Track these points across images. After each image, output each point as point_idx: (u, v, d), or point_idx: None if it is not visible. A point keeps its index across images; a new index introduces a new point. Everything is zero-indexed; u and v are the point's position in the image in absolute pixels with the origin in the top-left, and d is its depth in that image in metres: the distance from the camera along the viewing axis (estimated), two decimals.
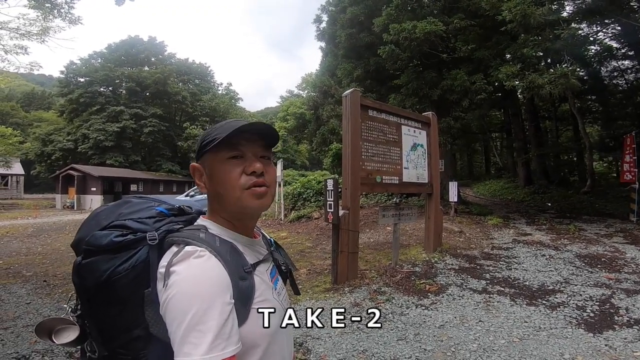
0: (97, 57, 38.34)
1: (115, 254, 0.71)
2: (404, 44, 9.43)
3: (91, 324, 0.76)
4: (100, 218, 0.81)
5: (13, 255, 7.58)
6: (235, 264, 0.72)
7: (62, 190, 25.59)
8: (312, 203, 12.59)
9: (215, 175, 0.78)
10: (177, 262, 0.67)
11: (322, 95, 14.18)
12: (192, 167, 0.83)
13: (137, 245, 0.73)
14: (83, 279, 0.73)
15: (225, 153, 0.77)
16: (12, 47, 9.86)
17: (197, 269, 0.66)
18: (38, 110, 47.52)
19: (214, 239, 0.74)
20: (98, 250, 0.72)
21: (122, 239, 0.72)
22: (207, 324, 0.61)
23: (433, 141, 6.48)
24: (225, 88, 46.58)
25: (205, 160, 0.80)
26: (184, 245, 0.70)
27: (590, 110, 17.77)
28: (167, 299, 0.64)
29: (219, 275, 0.67)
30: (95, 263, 0.71)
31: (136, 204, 0.86)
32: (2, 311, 4.13)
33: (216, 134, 0.76)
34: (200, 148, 0.80)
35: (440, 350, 3.00)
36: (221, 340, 0.61)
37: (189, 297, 0.63)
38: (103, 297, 0.71)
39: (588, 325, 3.42)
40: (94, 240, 0.73)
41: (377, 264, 5.68)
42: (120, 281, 0.70)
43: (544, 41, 8.34)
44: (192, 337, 0.60)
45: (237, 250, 0.76)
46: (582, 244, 7.03)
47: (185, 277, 0.65)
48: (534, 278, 4.95)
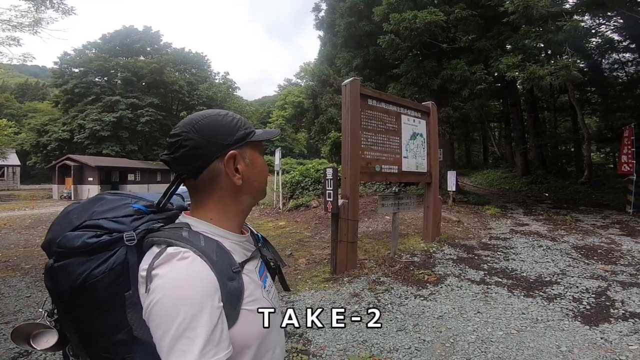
0: (92, 48, 37.82)
1: (90, 256, 0.67)
2: (404, 34, 9.32)
3: (70, 328, 0.72)
4: (72, 217, 0.75)
5: (11, 247, 7.55)
6: (222, 264, 0.68)
7: (58, 181, 25.42)
8: (310, 191, 12.59)
9: (259, 165, 0.81)
10: (159, 264, 0.63)
11: (321, 84, 14.09)
12: (232, 155, 0.74)
13: (113, 246, 0.68)
14: (57, 283, 0.68)
15: (262, 147, 0.84)
16: (4, 39, 9.66)
17: (181, 272, 0.62)
18: (32, 101, 47.07)
19: (198, 237, 0.69)
20: (71, 252, 0.68)
21: (96, 240, 0.68)
22: (195, 330, 0.58)
23: (432, 131, 6.45)
24: (222, 77, 46.25)
25: (245, 150, 0.78)
26: (166, 245, 0.66)
27: (589, 101, 17.79)
28: (150, 304, 0.61)
29: (206, 277, 0.63)
30: (68, 266, 0.67)
31: (111, 201, 0.79)
32: (3, 305, 4.11)
33: (248, 126, 0.80)
34: (245, 135, 0.78)
35: (439, 341, 3.02)
36: (211, 346, 0.58)
37: (174, 302, 0.59)
38: (80, 302, 0.67)
39: (584, 318, 3.45)
40: (65, 241, 0.68)
41: (376, 254, 5.69)
42: (97, 285, 0.66)
43: (546, 33, 8.27)
44: (180, 345, 0.57)
45: (223, 249, 0.71)
46: (579, 235, 7.08)
47: (169, 281, 0.61)
48: (531, 269, 4.98)
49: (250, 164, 0.79)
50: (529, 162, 18.75)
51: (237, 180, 0.75)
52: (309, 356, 2.83)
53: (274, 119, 38.12)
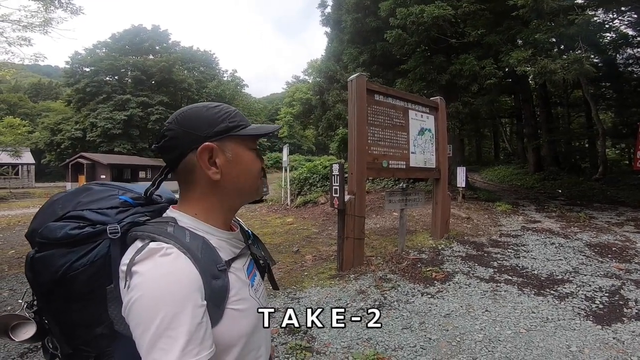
0: (102, 47, 38.42)
1: (72, 247, 0.66)
2: (411, 29, 9.19)
3: (50, 320, 0.71)
4: (56, 207, 0.74)
5: (25, 244, 7.60)
6: (207, 261, 0.65)
7: (72, 179, 25.92)
8: (318, 188, 12.57)
9: (244, 162, 0.76)
10: (140, 260, 0.61)
11: (328, 81, 14.02)
12: (205, 147, 0.71)
13: (96, 238, 0.67)
14: (37, 274, 0.67)
15: (251, 143, 0.78)
16: (15, 39, 9.78)
17: (163, 268, 0.60)
18: (46, 101, 48.00)
19: (183, 233, 0.67)
20: (52, 243, 0.67)
21: (78, 232, 0.67)
22: (177, 329, 0.56)
23: (441, 126, 6.35)
24: (230, 75, 46.57)
25: (227, 143, 0.73)
26: (149, 240, 0.64)
27: (604, 96, 17.36)
28: (130, 301, 0.59)
29: (189, 275, 0.61)
30: (49, 257, 0.66)
31: (97, 192, 0.78)
32: (15, 301, 4.18)
33: (239, 120, 0.75)
34: (226, 129, 0.73)
35: (445, 340, 2.97)
36: (194, 345, 0.56)
37: (155, 300, 0.57)
38: (60, 294, 0.66)
39: (596, 317, 3.36)
40: (47, 232, 0.68)
41: (383, 250, 5.64)
42: (78, 277, 0.65)
43: (558, 27, 8.06)
44: (161, 343, 0.55)
45: (209, 246, 0.69)
46: (593, 232, 6.91)
47: (150, 278, 0.58)
48: (542, 267, 4.87)
49: (233, 159, 0.74)
50: (542, 158, 18.39)
51: (213, 175, 0.72)
52: (312, 353, 2.80)
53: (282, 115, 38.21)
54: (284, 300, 3.89)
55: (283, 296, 3.99)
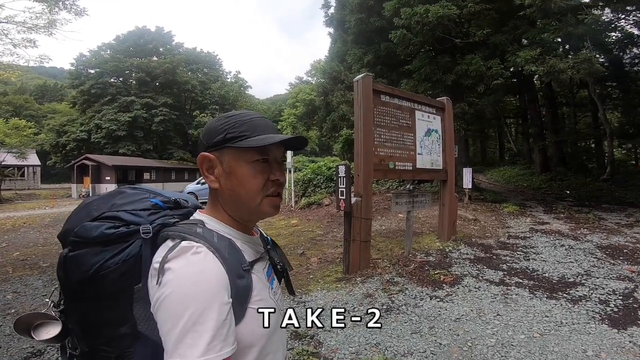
0: (106, 49, 38.50)
1: (106, 246, 0.69)
2: (416, 29, 9.13)
3: (74, 319, 0.73)
4: (91, 208, 0.77)
5: (30, 245, 7.69)
6: (233, 261, 0.68)
7: (77, 180, 26.01)
8: (322, 189, 12.50)
9: (239, 175, 0.73)
10: (173, 258, 0.63)
11: (332, 82, 13.97)
12: (203, 157, 0.75)
13: (129, 238, 0.70)
14: (69, 272, 0.69)
15: (254, 155, 0.73)
16: (20, 41, 9.84)
17: (194, 266, 0.62)
18: (51, 102, 48.24)
19: (211, 234, 0.70)
20: (87, 242, 0.69)
21: (114, 231, 0.69)
22: (204, 324, 0.58)
23: (448, 127, 6.27)
24: (234, 76, 46.46)
25: (225, 154, 0.74)
26: (180, 240, 0.66)
27: (610, 96, 17.17)
28: (160, 297, 0.60)
29: (217, 273, 0.63)
30: (83, 256, 0.68)
31: (130, 195, 0.82)
32: (19, 304, 4.14)
33: (243, 130, 0.73)
34: (223, 140, 0.73)
35: (456, 345, 2.89)
36: (218, 341, 0.58)
37: (185, 296, 0.59)
38: (90, 293, 0.69)
39: (612, 321, 3.27)
40: (83, 231, 0.70)
41: (389, 253, 5.57)
42: (109, 276, 0.67)
43: (565, 26, 7.96)
44: (188, 338, 0.57)
45: (235, 247, 0.72)
46: (603, 234, 6.79)
47: (182, 275, 0.61)
48: (553, 269, 4.78)
49: (228, 171, 0.74)
50: (548, 158, 18.20)
51: (212, 183, 0.75)
52: (320, 359, 2.74)
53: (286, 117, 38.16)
54: (289, 304, 3.83)
55: (289, 300, 3.93)
